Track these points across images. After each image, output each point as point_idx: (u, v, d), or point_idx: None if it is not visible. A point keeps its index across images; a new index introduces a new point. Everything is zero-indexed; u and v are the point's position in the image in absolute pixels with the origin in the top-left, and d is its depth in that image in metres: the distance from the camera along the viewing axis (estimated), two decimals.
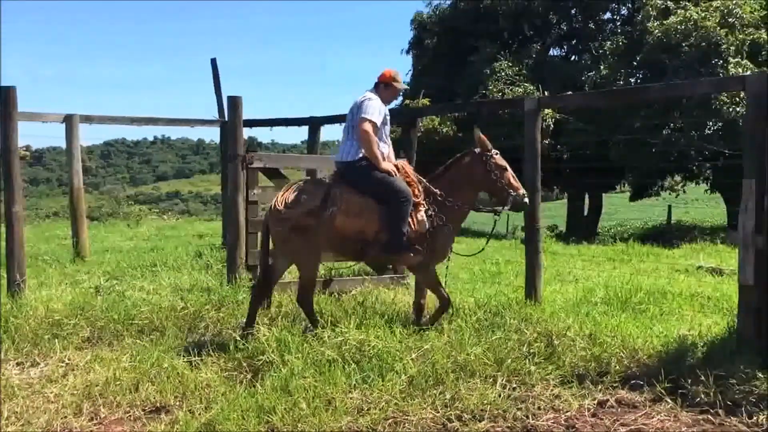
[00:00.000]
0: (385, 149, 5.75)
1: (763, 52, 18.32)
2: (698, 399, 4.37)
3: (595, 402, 4.39)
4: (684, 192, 23.80)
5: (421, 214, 5.57)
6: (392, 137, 6.19)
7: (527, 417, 4.15)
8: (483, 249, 6.41)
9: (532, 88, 19.19)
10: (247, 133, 9.48)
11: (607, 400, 4.42)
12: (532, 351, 5.05)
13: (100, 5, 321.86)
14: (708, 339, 5.40)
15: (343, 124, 5.89)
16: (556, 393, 4.49)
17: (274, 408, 4.00)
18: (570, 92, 15.34)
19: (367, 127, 5.46)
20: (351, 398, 4.23)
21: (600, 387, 4.59)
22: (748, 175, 5.09)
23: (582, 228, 22.40)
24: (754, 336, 5.01)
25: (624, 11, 23.34)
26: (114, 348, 5.41)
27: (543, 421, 4.11)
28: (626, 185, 26.05)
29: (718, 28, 16.95)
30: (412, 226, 5.51)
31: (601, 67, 19.73)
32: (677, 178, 23.39)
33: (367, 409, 4.12)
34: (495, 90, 19.24)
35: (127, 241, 13.88)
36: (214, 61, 11.42)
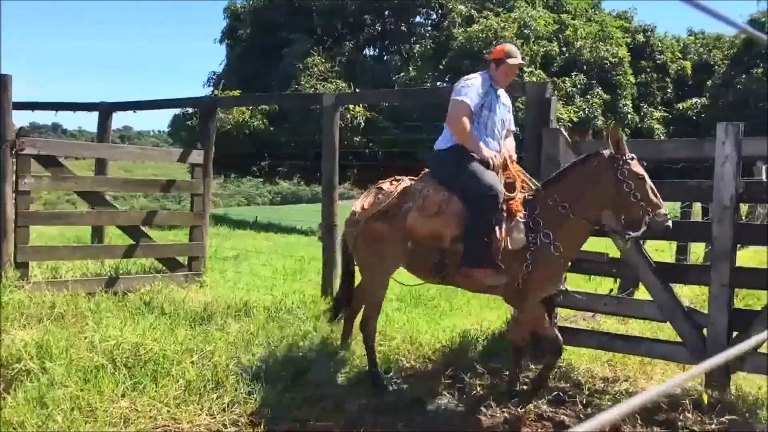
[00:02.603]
0: (491, 143, 4.53)
1: (555, 64, 19.84)
2: (474, 392, 4.52)
3: (379, 400, 4.38)
4: None
5: (518, 226, 4.23)
6: (195, 127, 5.76)
7: (309, 420, 4.05)
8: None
9: (344, 85, 19.34)
10: (52, 119, 8.62)
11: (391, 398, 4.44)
12: (323, 350, 4.97)
13: None
14: (489, 332, 5.64)
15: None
16: (341, 392, 4.43)
17: (24, 423, 3.57)
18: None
19: (456, 107, 4.40)
20: (118, 407, 3.88)
21: (385, 384, 4.61)
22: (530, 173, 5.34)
23: None
24: None
25: (434, 16, 24.25)
26: None
27: (324, 422, 4.03)
28: None
29: (515, 38, 18.09)
30: (501, 239, 4.20)
31: (410, 68, 20.33)
32: None
33: (136, 418, 3.80)
34: (308, 85, 19.18)
35: None
36: None
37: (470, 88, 4.44)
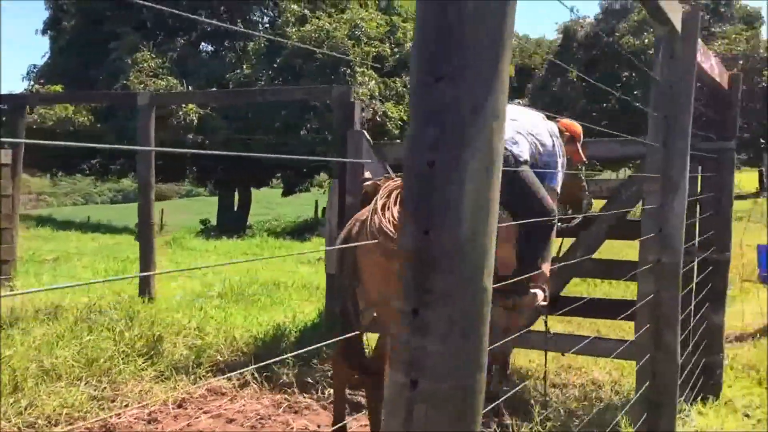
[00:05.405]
0: None
1: (387, 64, 20.53)
2: (281, 380, 4.76)
3: (184, 393, 4.51)
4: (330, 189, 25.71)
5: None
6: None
7: (111, 417, 4.11)
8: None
9: (176, 82, 18.92)
10: None
11: (197, 391, 4.57)
12: (130, 349, 4.99)
13: None
14: (304, 324, 5.91)
15: None
16: (147, 389, 4.51)
17: None
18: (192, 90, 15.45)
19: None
20: None
21: (193, 378, 4.74)
22: (334, 175, 5.66)
23: (232, 222, 22.82)
24: (339, 320, 5.61)
25: (269, 14, 24.25)
26: None
27: (126, 417, 4.11)
28: (278, 181, 27.38)
29: (347, 39, 18.55)
30: None
31: (245, 66, 20.25)
32: (324, 175, 25.19)
33: None
34: (137, 81, 18.56)
35: None
36: None
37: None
